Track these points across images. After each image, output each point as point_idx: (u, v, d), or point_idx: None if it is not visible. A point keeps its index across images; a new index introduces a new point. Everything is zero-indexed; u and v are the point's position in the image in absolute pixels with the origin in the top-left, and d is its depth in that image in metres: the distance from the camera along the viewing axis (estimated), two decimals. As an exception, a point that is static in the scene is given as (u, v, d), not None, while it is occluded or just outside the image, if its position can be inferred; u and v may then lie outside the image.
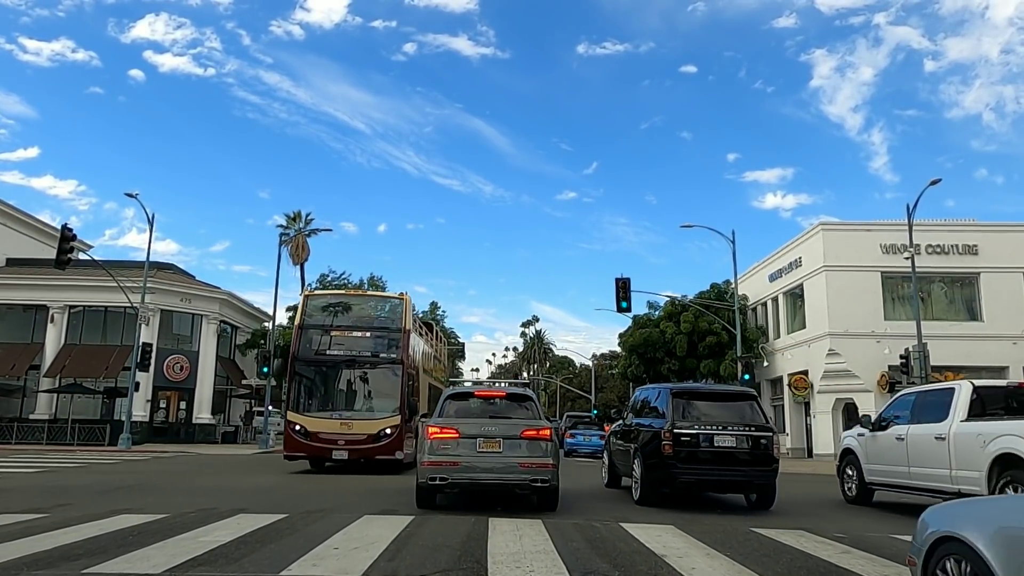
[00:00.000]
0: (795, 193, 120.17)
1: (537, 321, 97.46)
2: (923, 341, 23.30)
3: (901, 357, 23.84)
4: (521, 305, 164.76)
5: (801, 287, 34.32)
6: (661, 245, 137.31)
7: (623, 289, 28.42)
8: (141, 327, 29.79)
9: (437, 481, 9.09)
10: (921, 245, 28.48)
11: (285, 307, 52.24)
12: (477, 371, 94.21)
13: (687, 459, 10.24)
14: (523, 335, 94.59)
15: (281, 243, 38.36)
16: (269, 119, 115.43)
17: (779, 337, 37.05)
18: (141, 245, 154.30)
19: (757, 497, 10.94)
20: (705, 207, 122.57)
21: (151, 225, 30.34)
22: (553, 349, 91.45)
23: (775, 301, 37.68)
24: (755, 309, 40.12)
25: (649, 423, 11.30)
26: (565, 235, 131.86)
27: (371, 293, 31.79)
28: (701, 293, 40.51)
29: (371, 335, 17.35)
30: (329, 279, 46.63)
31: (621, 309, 28.94)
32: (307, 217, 47.00)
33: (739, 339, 31.11)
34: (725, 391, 12.29)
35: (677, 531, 7.98)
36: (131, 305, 29.74)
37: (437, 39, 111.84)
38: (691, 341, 37.97)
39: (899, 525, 9.21)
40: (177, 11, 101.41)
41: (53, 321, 34.56)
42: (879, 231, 31.87)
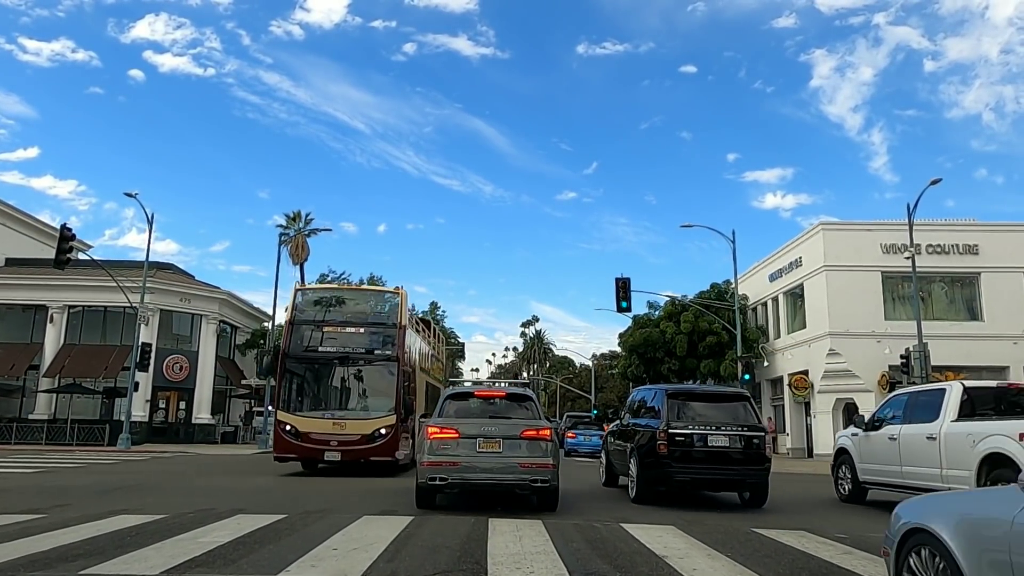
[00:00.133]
0: (795, 193, 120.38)
1: (537, 321, 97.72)
2: (923, 341, 23.32)
3: (901, 357, 23.85)
4: (521, 305, 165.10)
5: (801, 287, 34.30)
6: (661, 245, 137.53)
7: (623, 289, 28.43)
8: (140, 327, 29.77)
9: (437, 481, 9.06)
10: (921, 245, 28.46)
11: (284, 307, 52.10)
12: (477, 371, 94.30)
13: (682, 458, 10.41)
14: (523, 335, 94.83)
15: (281, 243, 38.39)
16: (269, 119, 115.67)
17: (779, 337, 37.03)
18: (141, 245, 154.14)
19: (750, 495, 11.09)
20: (705, 207, 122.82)
21: (151, 225, 30.44)
22: (553, 349, 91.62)
23: (775, 301, 37.68)
24: (755, 309, 40.10)
25: (645, 423, 11.44)
26: (565, 235, 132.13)
27: (365, 287, 30.16)
28: (701, 293, 40.52)
29: (365, 331, 16.44)
30: (329, 279, 46.54)
31: (621, 309, 28.97)
32: (307, 217, 46.96)
33: (739, 339, 31.10)
34: (719, 392, 12.66)
35: (678, 532, 7.95)
36: (131, 305, 29.72)
37: (437, 39, 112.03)
38: (691, 341, 37.97)
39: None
40: (177, 11, 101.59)
41: (52, 321, 34.56)
42: (879, 231, 31.87)
